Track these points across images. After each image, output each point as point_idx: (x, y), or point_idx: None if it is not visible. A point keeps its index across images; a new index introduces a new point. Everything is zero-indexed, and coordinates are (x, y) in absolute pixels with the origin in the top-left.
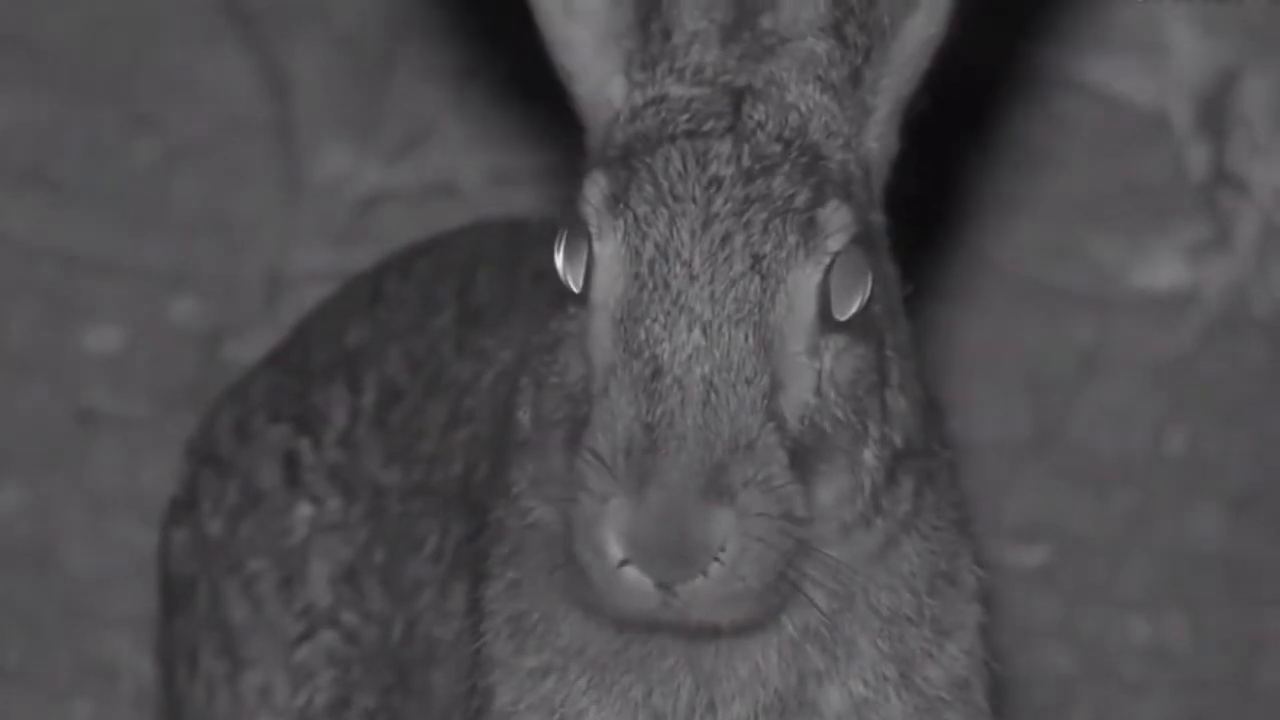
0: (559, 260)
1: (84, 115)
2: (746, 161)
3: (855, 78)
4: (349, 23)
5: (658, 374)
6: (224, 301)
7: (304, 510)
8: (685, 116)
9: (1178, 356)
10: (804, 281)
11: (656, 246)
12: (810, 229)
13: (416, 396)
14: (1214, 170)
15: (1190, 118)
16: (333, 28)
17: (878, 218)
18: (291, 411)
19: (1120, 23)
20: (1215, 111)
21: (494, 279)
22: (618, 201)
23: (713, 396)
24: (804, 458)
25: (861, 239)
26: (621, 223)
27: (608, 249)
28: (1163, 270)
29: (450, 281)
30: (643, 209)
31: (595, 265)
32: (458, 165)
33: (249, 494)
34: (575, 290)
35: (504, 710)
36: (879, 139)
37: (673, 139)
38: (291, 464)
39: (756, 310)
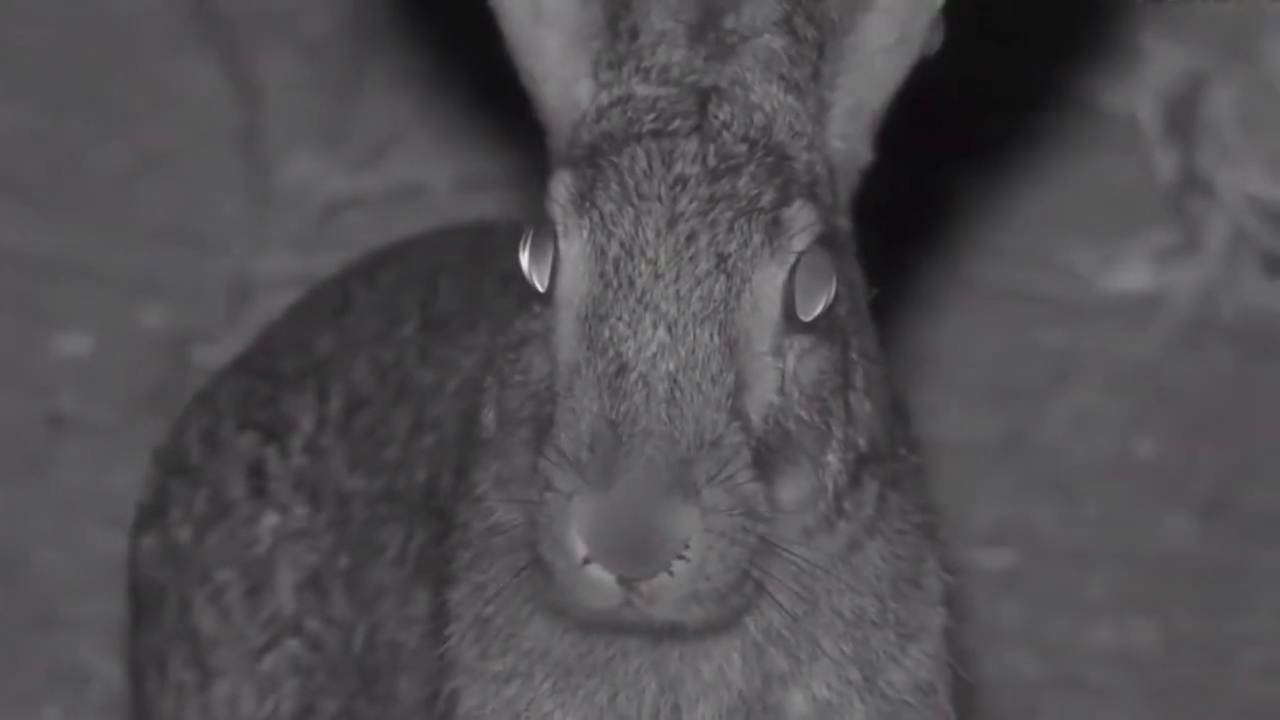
0: (524, 260)
1: (54, 122)
2: (712, 161)
3: (815, 75)
4: (317, 31)
5: (622, 371)
6: (193, 307)
7: (270, 520)
8: (651, 116)
9: (1146, 362)
10: (769, 281)
11: (622, 245)
12: (775, 228)
13: (382, 404)
14: (1183, 175)
15: (1159, 123)
16: (301, 36)
17: (844, 222)
18: (259, 419)
19: (1090, 29)
20: (1184, 117)
21: (457, 287)
22: (584, 200)
23: (677, 394)
24: (767, 458)
25: (826, 240)
26: (587, 221)
27: (573, 247)
28: (1132, 275)
29: (414, 291)
30: (608, 207)
31: (561, 264)
32: (425, 171)
33: (217, 503)
34: (540, 289)
35: (469, 715)
36: (841, 137)
37: (639, 138)
38: (257, 473)
39: (722, 309)
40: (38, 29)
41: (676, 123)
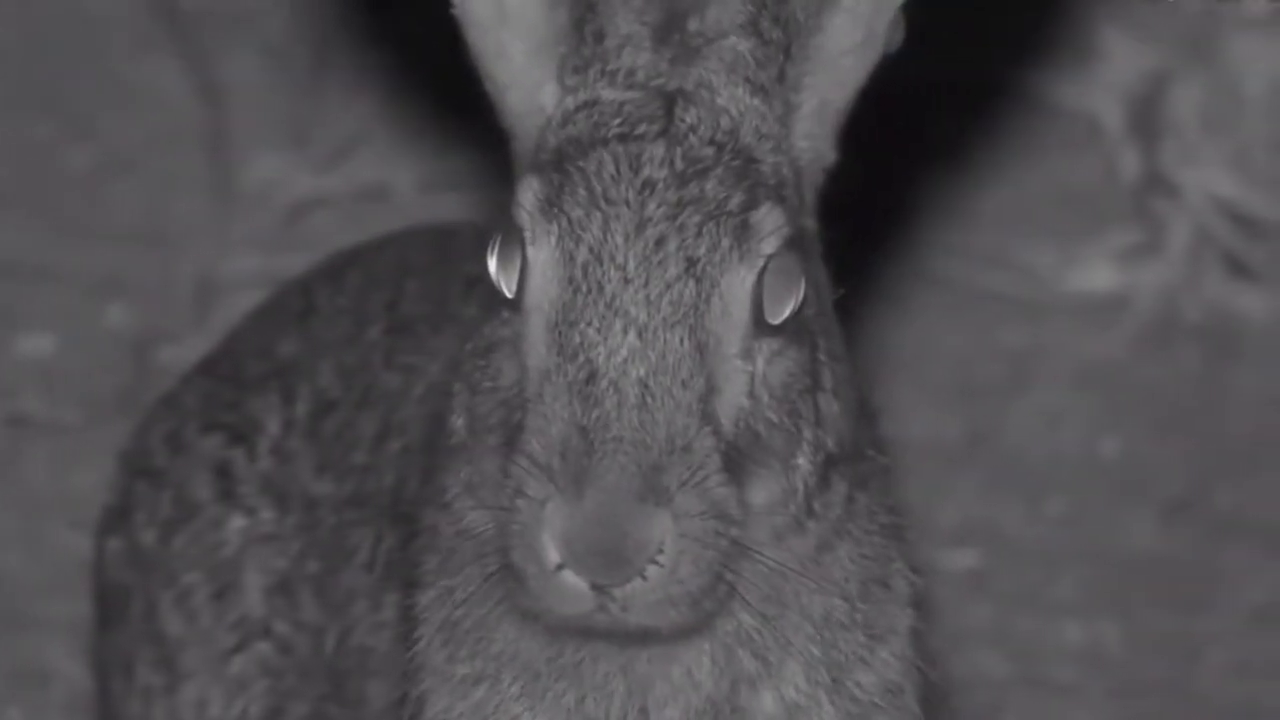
0: (492, 265)
1: (18, 123)
2: (679, 165)
3: (781, 77)
4: (281, 31)
5: (592, 377)
6: (157, 308)
7: (237, 522)
8: (618, 120)
9: (1110, 361)
10: (738, 284)
11: (590, 250)
12: (744, 232)
13: (349, 408)
14: (1145, 175)
15: (1122, 122)
16: (265, 36)
17: (810, 223)
18: (225, 421)
19: (1052, 28)
20: (1147, 116)
21: (423, 290)
22: (551, 206)
23: (648, 399)
24: (738, 461)
25: (794, 242)
26: (555, 226)
27: (541, 253)
28: (1095, 275)
29: (380, 293)
30: (576, 213)
31: (529, 270)
32: (389, 171)
33: (182, 505)
34: (509, 295)
35: (437, 718)
36: (807, 138)
37: (605, 143)
38: (224, 475)
39: (691, 313)
40: (1, 29)
41: (643, 127)
